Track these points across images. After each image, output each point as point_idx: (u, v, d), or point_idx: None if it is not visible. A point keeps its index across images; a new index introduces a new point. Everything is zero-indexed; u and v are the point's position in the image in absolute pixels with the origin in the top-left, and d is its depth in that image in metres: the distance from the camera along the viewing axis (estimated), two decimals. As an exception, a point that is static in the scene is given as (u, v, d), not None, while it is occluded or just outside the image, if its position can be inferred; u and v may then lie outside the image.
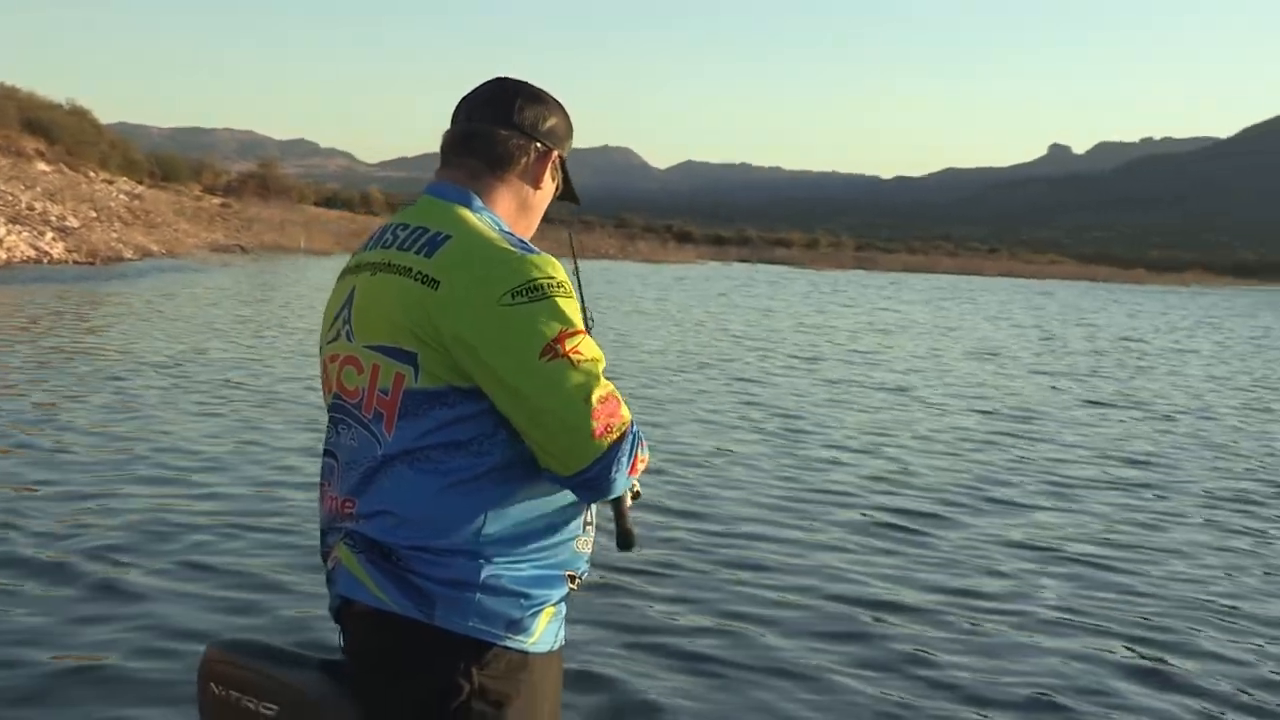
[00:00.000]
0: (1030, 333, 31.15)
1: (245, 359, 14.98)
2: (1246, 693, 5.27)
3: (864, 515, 8.28)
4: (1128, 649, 5.72)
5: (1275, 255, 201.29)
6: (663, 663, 5.15)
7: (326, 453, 2.27)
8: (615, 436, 2.07)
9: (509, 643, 2.10)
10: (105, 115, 68.44)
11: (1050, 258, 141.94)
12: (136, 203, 47.04)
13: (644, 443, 2.20)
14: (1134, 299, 67.99)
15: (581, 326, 2.09)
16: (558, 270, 2.10)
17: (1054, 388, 17.75)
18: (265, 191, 66.97)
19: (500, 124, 2.27)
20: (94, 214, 39.11)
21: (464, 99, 2.34)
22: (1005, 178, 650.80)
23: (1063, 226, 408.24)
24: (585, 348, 2.07)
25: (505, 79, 2.35)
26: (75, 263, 31.16)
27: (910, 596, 6.33)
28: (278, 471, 8.47)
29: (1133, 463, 11.26)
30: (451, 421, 2.07)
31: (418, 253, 2.11)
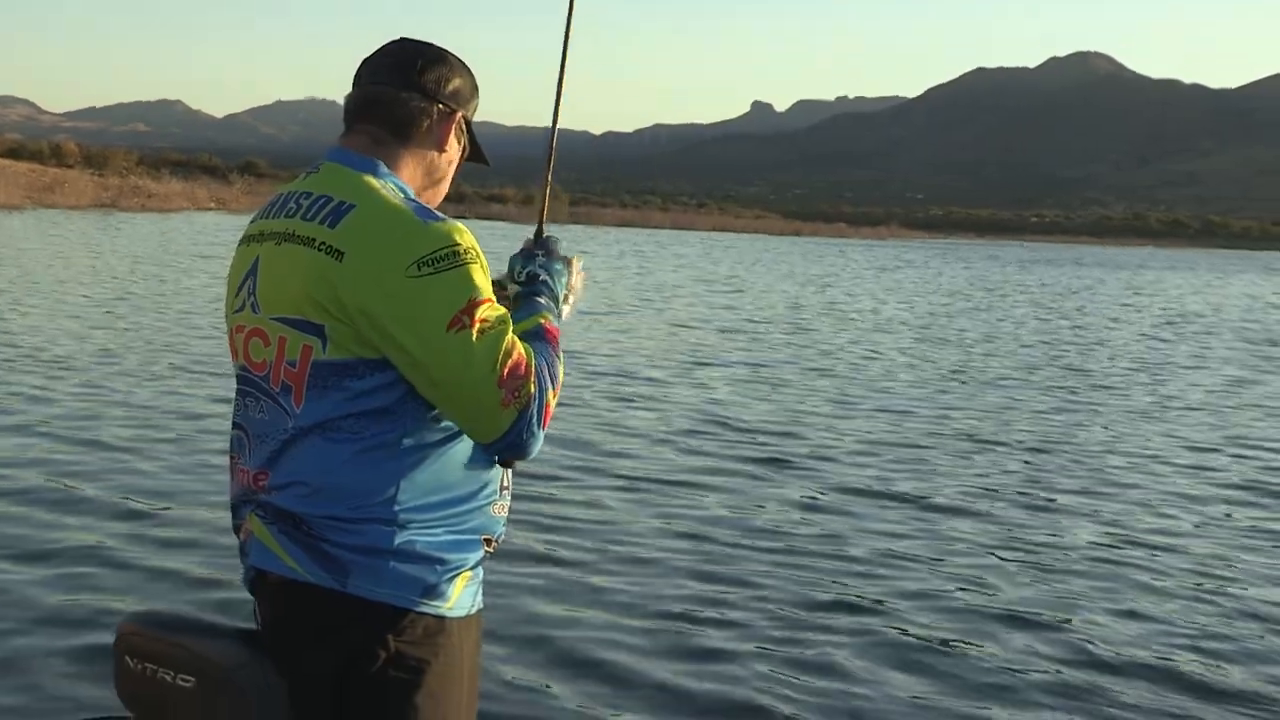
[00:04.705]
0: (696, 287, 31.08)
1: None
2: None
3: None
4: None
5: (960, 210, 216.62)
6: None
7: (235, 426, 2.25)
8: (523, 402, 2.10)
9: (424, 608, 2.11)
10: None
11: (756, 213, 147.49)
12: None
13: (556, 364, 2.21)
14: (828, 251, 71.43)
15: (489, 294, 2.10)
16: (464, 236, 2.09)
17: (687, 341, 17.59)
18: (-61, 142, 61.77)
19: (401, 87, 2.23)
20: None
21: (364, 61, 2.30)
22: (711, 134, 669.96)
23: (768, 182, 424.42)
24: (491, 312, 2.08)
25: (407, 40, 2.32)
26: None
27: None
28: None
29: (718, 422, 10.95)
30: (361, 392, 2.08)
31: (321, 222, 2.09)
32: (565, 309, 2.44)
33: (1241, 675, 5.31)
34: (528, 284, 2.39)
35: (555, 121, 2.60)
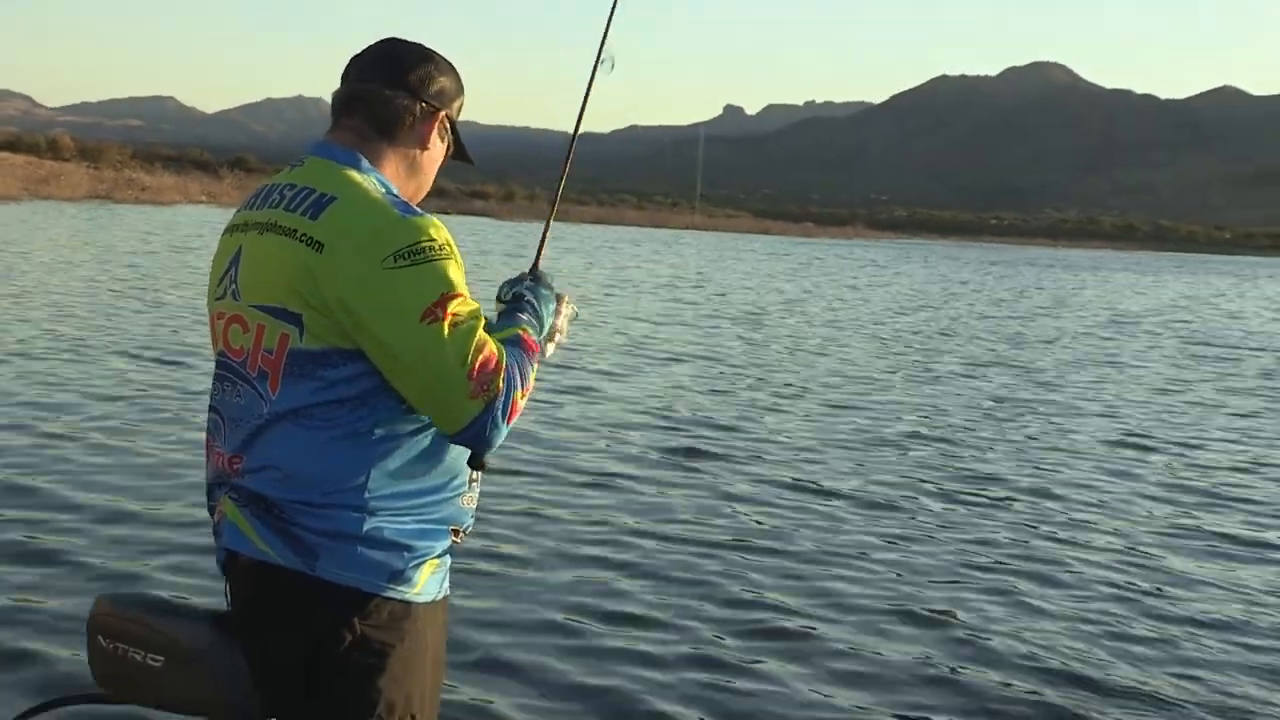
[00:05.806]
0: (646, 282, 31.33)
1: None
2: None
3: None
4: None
5: (923, 212, 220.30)
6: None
7: (212, 410, 2.28)
8: (490, 396, 2.12)
9: (391, 593, 2.15)
10: None
11: (727, 212, 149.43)
12: None
13: (527, 367, 2.25)
14: (793, 249, 71.67)
15: (463, 289, 2.13)
16: (440, 232, 2.12)
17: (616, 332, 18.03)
18: (-62, 135, 62.67)
19: (387, 84, 2.28)
20: None
21: (353, 59, 2.34)
22: (685, 135, 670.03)
23: (739, 183, 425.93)
24: (463, 307, 2.11)
25: (395, 39, 2.36)
26: None
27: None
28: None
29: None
30: (335, 381, 2.12)
31: (303, 214, 2.13)
32: (550, 346, 2.48)
33: (1148, 675, 5.33)
34: (513, 303, 2.45)
35: (572, 147, 2.77)
